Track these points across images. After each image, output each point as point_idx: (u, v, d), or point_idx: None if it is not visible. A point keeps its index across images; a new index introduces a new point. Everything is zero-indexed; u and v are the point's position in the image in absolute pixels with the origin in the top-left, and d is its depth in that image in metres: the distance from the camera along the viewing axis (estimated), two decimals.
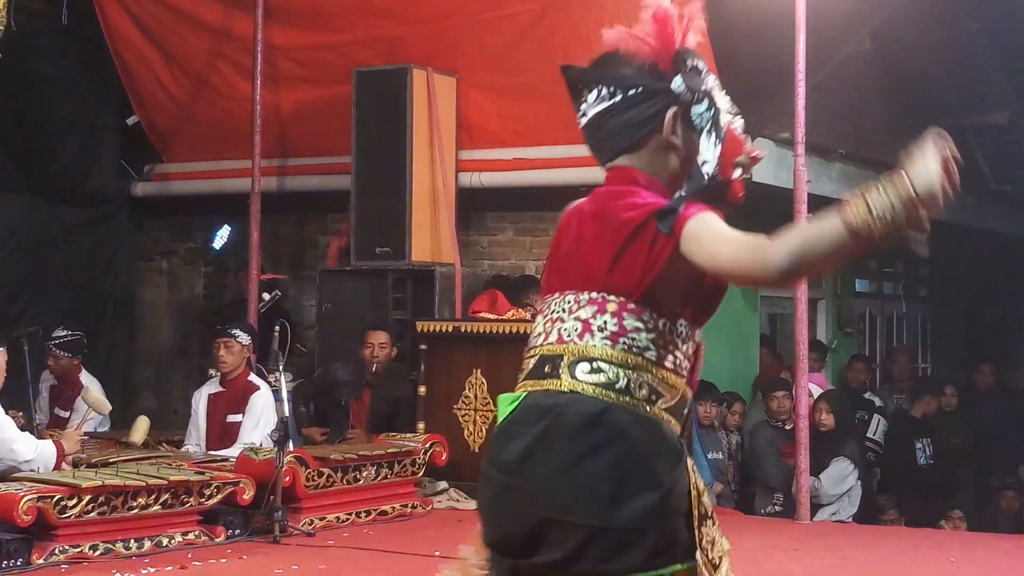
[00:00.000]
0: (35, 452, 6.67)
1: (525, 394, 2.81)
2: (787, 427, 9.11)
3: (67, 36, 10.76)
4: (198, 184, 11.13)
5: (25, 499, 5.89)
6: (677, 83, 2.89)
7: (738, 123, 3.04)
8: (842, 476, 8.71)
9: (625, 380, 2.70)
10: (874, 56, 11.16)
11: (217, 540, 6.62)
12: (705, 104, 2.91)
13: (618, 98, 2.91)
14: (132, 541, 6.28)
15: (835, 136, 10.56)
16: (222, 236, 10.69)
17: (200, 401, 8.09)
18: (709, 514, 2.80)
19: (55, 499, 6.00)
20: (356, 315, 9.28)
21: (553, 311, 2.84)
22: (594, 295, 2.78)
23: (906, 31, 11.20)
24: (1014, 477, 10.68)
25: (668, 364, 2.78)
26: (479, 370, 8.29)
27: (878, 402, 11.14)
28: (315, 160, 10.38)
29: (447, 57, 9.60)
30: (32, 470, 6.55)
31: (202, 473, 6.70)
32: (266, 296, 9.78)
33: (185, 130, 11.08)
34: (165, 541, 6.41)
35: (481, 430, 8.25)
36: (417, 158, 9.35)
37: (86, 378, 8.98)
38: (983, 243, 13.58)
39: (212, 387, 8.12)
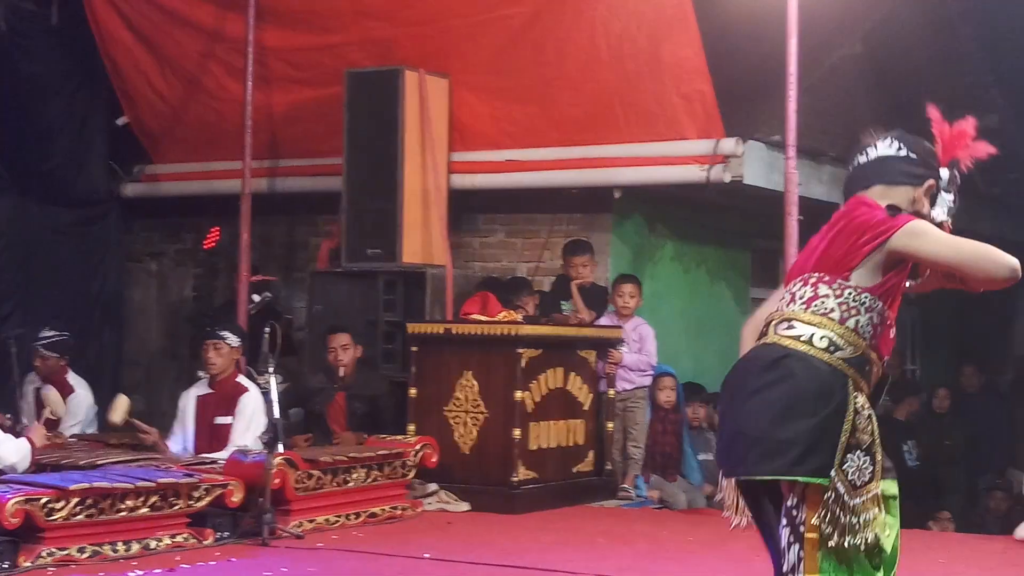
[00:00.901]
0: (19, 454, 6.66)
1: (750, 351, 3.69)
2: None
3: (57, 37, 10.74)
4: (188, 185, 11.11)
5: (12, 501, 5.86)
6: (943, 173, 3.82)
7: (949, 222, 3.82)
8: None
9: (809, 333, 3.53)
10: (866, 59, 11.17)
11: (205, 542, 6.60)
12: (951, 196, 3.81)
13: (903, 153, 3.75)
14: (120, 543, 6.25)
15: (826, 139, 10.56)
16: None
17: (188, 402, 8.08)
18: (865, 447, 3.59)
19: (42, 501, 5.97)
20: (347, 317, 9.26)
21: (784, 295, 3.71)
22: (806, 275, 3.64)
23: (897, 35, 11.22)
24: (1002, 478, 10.70)
25: (850, 324, 3.54)
26: (470, 372, 8.27)
27: None
28: (306, 161, 10.37)
29: (440, 59, 9.59)
30: (15, 471, 6.54)
31: (191, 475, 6.68)
32: (256, 298, 9.76)
33: (175, 131, 11.06)
34: (153, 544, 6.39)
35: (472, 432, 8.23)
36: (409, 160, 9.34)
37: (73, 379, 8.95)
38: None
39: (201, 388, 8.11)
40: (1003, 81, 12.70)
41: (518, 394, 8.13)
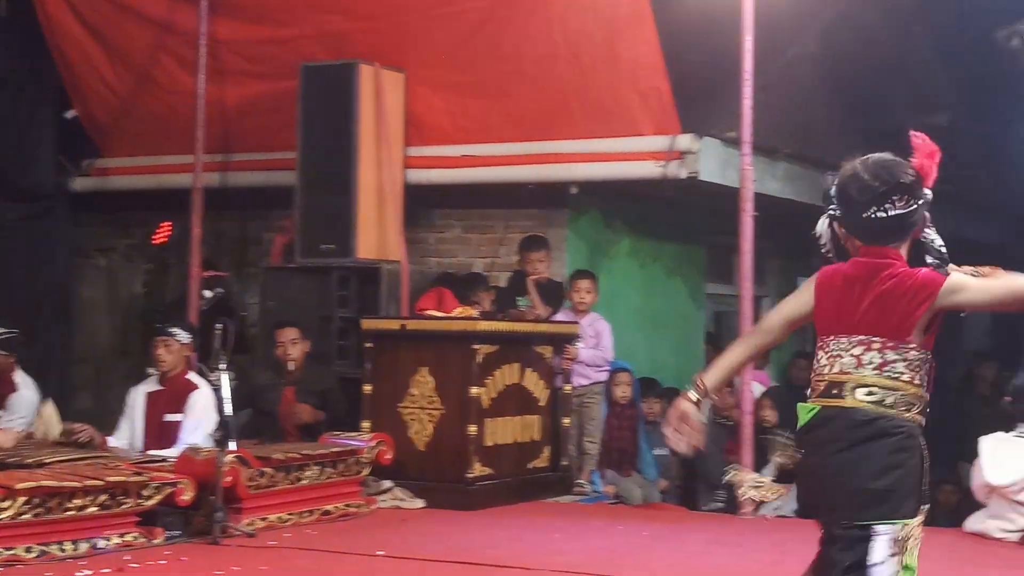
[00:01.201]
0: None
1: (820, 407, 3.94)
2: (730, 423, 9.13)
3: (5, 29, 10.59)
4: (138, 179, 10.99)
5: None
6: (928, 194, 4.22)
7: None
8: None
9: (891, 398, 3.92)
10: (820, 57, 11.19)
11: (155, 541, 6.51)
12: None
13: (914, 206, 4.13)
14: (68, 543, 6.16)
15: (781, 136, 10.58)
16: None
17: (137, 398, 7.98)
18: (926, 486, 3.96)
19: None
20: (300, 313, 9.18)
21: (832, 349, 3.99)
22: (862, 337, 3.94)
23: (852, 33, 11.24)
24: (952, 472, 10.76)
25: (916, 382, 3.98)
26: (425, 368, 8.24)
27: None
28: (259, 155, 10.28)
29: (396, 53, 9.54)
30: None
31: (140, 473, 6.59)
32: (208, 294, 9.65)
33: (126, 124, 10.93)
34: (102, 543, 6.30)
35: (427, 428, 8.20)
36: (364, 154, 9.28)
37: (20, 377, 8.82)
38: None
39: (150, 385, 8.00)
40: (955, 80, 12.77)
41: (474, 390, 8.10)
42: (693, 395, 4.04)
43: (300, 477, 7.33)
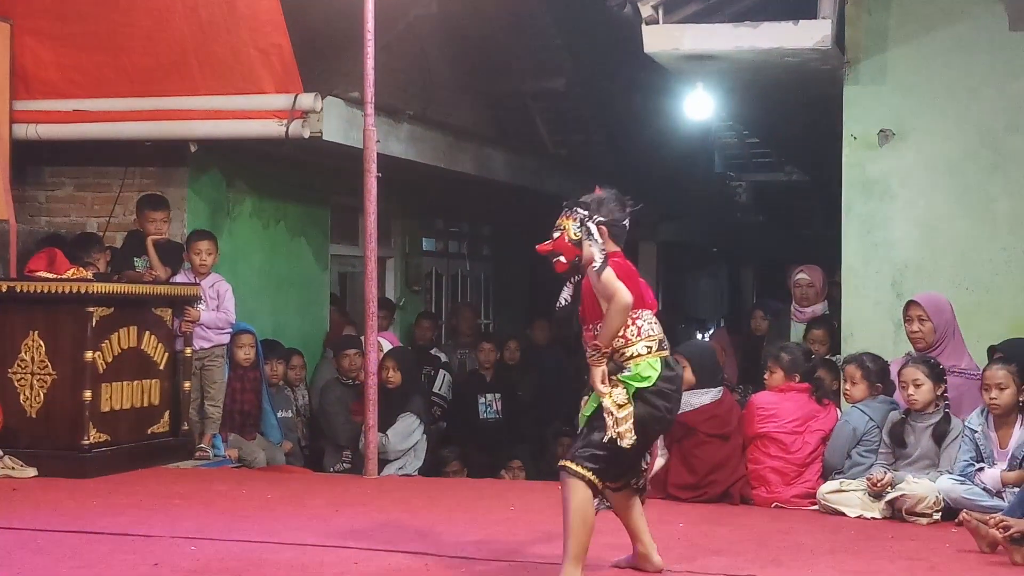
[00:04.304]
0: None
1: (666, 356, 5.26)
2: (356, 384, 9.21)
3: None
4: None
5: None
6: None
7: None
8: (408, 431, 8.88)
9: None
10: (441, 19, 11.38)
11: None
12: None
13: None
14: None
15: (404, 97, 10.72)
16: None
17: None
18: None
19: None
20: None
21: (650, 319, 5.27)
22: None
23: None
24: (570, 426, 11.23)
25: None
26: (36, 332, 7.97)
27: (444, 358, 11.45)
28: None
29: (1, 3, 9.04)
30: None
31: None
32: None
33: None
34: None
35: (39, 394, 7.92)
36: None
37: None
38: (542, 204, 14.16)
39: None
40: (570, 46, 13.27)
41: (88, 354, 7.86)
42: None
43: None
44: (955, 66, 8.62)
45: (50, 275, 8.09)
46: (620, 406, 5.09)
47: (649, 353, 5.17)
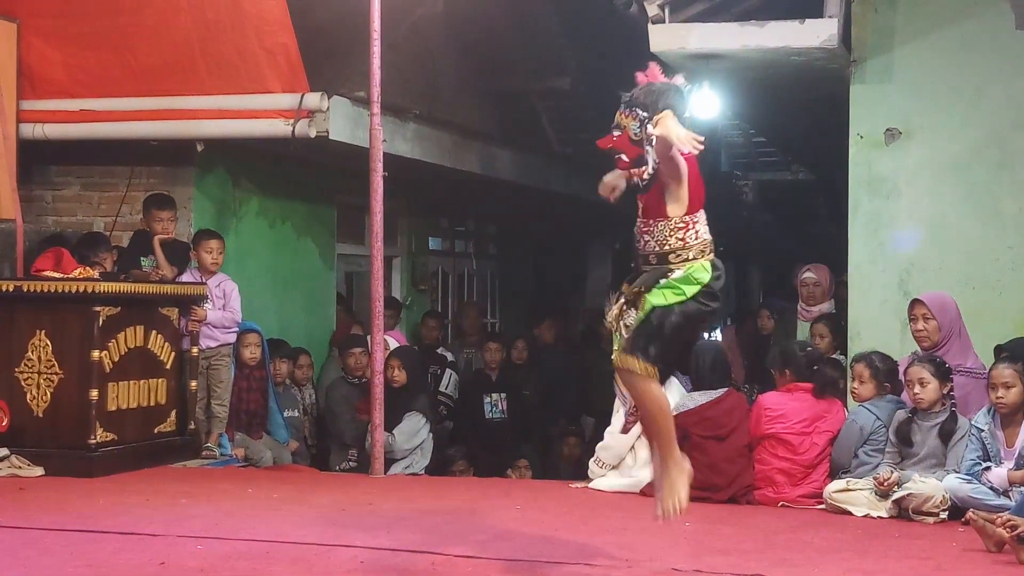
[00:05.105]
0: None
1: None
2: (362, 382, 9.21)
3: None
4: None
5: None
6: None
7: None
8: (414, 430, 8.89)
9: None
10: (447, 19, 11.37)
11: None
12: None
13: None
14: None
15: (410, 96, 10.70)
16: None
17: None
18: None
19: None
20: None
21: (704, 220, 5.32)
22: None
23: None
24: (576, 425, 11.23)
25: None
26: (43, 331, 7.99)
27: (450, 357, 11.45)
28: None
29: (7, 2, 9.06)
30: None
31: None
32: None
33: None
34: None
35: (46, 394, 7.94)
36: None
37: None
38: (547, 203, 14.18)
39: None
40: (575, 45, 13.25)
41: (95, 354, 7.88)
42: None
43: None
44: (962, 65, 8.60)
45: (57, 275, 8.11)
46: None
47: (703, 256, 5.20)
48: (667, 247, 5.17)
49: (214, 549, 5.78)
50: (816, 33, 8.36)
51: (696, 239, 5.21)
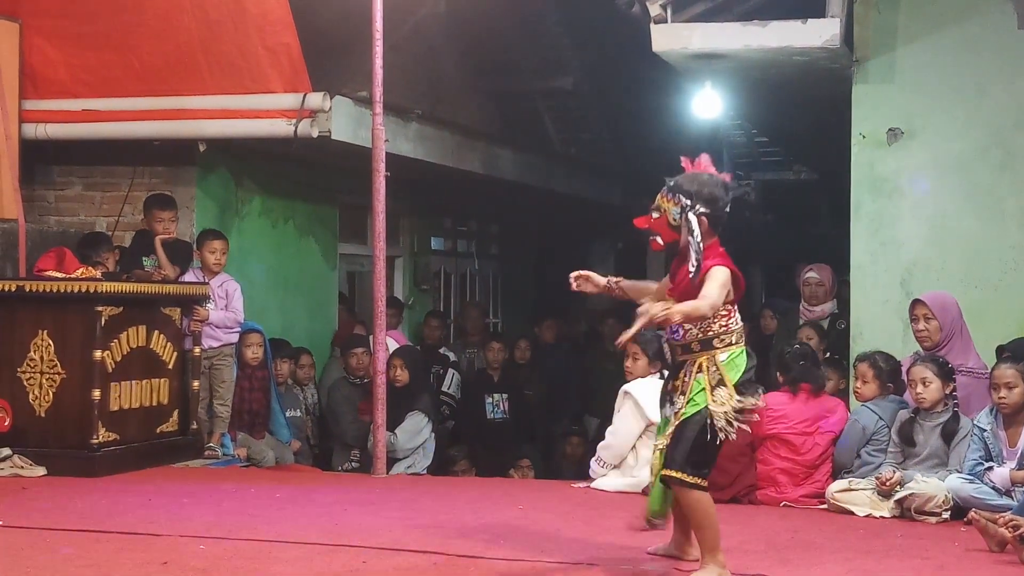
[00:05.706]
0: None
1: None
2: (365, 382, 9.21)
3: None
4: None
5: None
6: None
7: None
8: (416, 430, 8.89)
9: None
10: (449, 18, 11.38)
11: None
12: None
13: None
14: None
15: (412, 96, 10.71)
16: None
17: None
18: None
19: None
20: None
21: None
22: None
23: None
24: (579, 424, 11.23)
25: None
26: (45, 331, 7.98)
27: (452, 357, 11.46)
28: None
29: (9, 2, 9.07)
30: None
31: None
32: None
33: None
34: None
35: (48, 394, 7.94)
36: None
37: None
38: (549, 203, 14.19)
39: None
40: (579, 45, 13.25)
41: (97, 354, 7.88)
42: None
43: None
44: (964, 64, 8.60)
45: (59, 274, 8.11)
46: (725, 406, 5.16)
47: (739, 342, 5.25)
48: (711, 332, 5.18)
49: (216, 549, 5.78)
50: (818, 33, 8.37)
51: (737, 323, 5.27)
